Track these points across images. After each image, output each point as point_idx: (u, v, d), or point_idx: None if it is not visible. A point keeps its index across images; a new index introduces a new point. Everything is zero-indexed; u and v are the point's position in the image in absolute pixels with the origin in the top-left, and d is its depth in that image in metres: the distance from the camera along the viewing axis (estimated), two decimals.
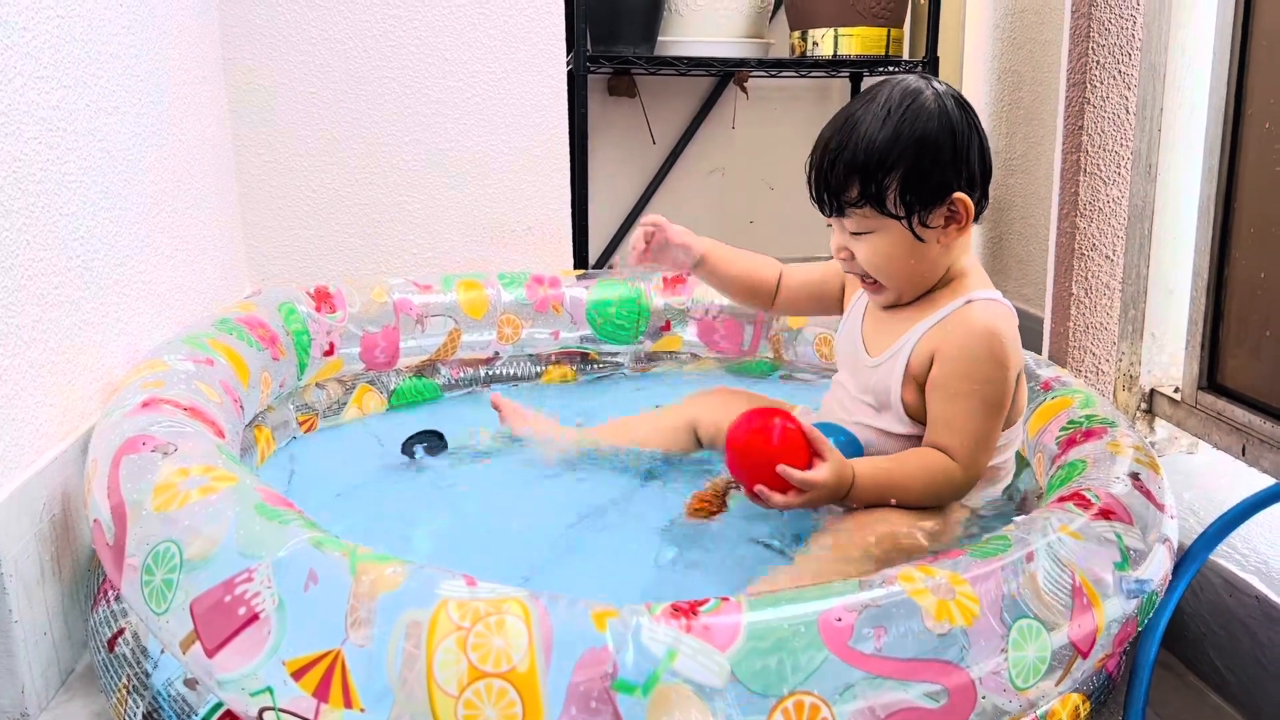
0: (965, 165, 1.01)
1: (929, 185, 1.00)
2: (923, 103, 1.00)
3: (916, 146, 0.99)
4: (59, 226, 1.02)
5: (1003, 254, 2.18)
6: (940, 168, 1.00)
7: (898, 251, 1.03)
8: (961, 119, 1.01)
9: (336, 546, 0.70)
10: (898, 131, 0.99)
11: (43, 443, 0.97)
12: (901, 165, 0.99)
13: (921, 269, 1.05)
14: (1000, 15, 2.15)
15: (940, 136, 1.00)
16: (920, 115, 1.00)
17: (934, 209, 1.01)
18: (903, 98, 1.01)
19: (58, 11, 1.04)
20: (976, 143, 1.02)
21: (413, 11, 1.73)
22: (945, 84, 1.05)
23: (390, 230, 1.80)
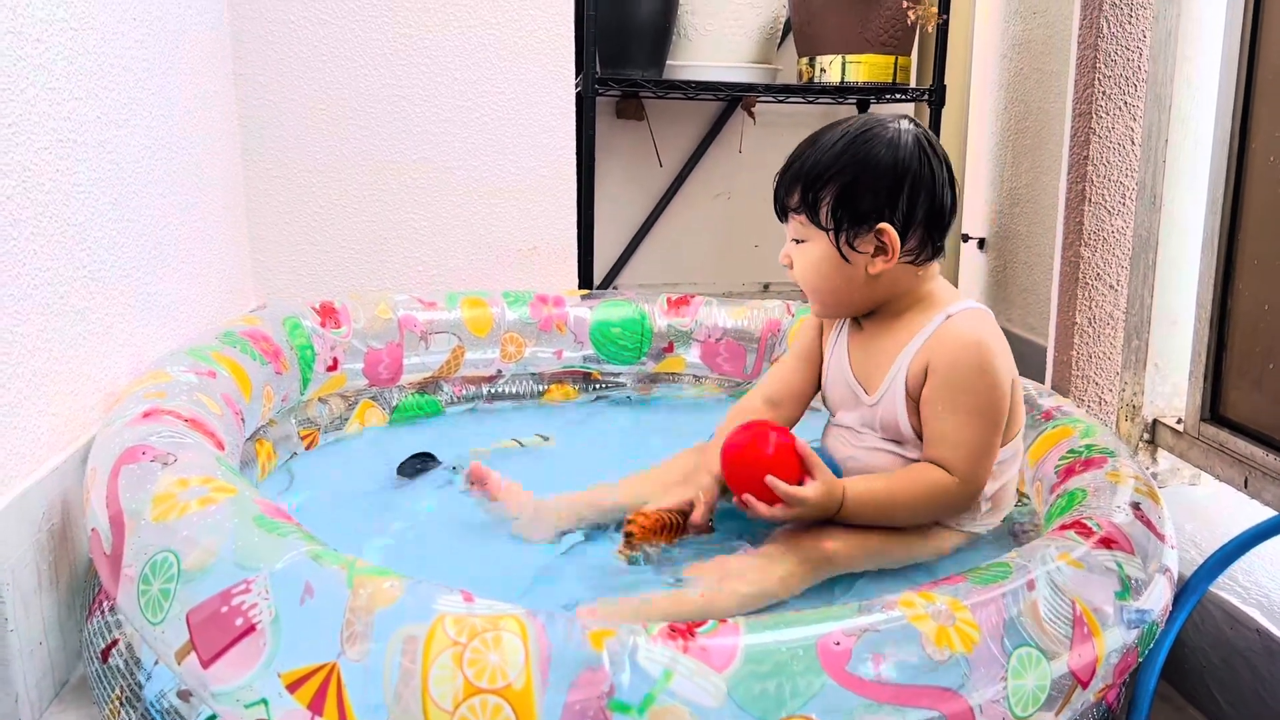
0: (903, 201, 1.04)
1: (859, 208, 1.04)
2: (879, 133, 1.05)
3: (855, 168, 1.04)
4: (66, 236, 1.03)
5: (1007, 283, 2.18)
6: (873, 194, 1.04)
7: (825, 267, 1.07)
8: (916, 159, 1.04)
9: (334, 559, 0.70)
10: (844, 151, 1.05)
11: (43, 452, 0.97)
12: (838, 182, 1.04)
13: (849, 291, 1.08)
14: (1008, 46, 2.16)
15: (882, 166, 1.03)
16: (871, 142, 1.04)
17: (861, 233, 1.05)
18: (864, 126, 1.06)
19: (71, 25, 1.05)
20: (927, 187, 1.04)
21: (424, 31, 1.74)
22: (922, 129, 1.07)
23: (396, 247, 1.80)
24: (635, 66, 2.05)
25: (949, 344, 1.04)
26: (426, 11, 1.74)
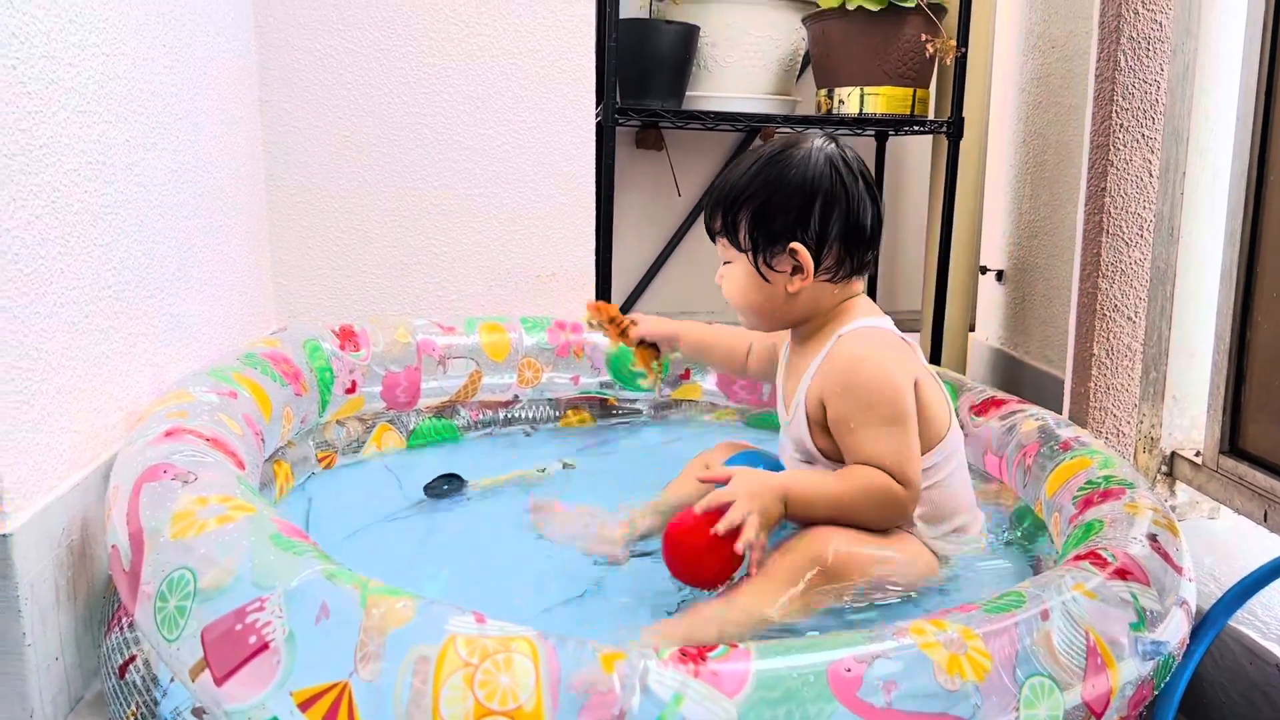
0: (814, 220, 1.06)
1: (772, 228, 1.07)
2: (791, 154, 1.08)
3: (767, 189, 1.07)
4: (93, 256, 1.05)
5: (1025, 315, 2.18)
6: (785, 215, 1.07)
7: (747, 285, 1.11)
8: (827, 178, 1.06)
9: (349, 579, 0.70)
10: (757, 174, 1.08)
11: (65, 468, 0.98)
12: (752, 204, 1.08)
13: (771, 309, 1.11)
14: (1026, 79, 2.17)
15: (791, 186, 1.06)
16: (782, 164, 1.07)
17: (777, 253, 1.08)
18: (779, 148, 1.09)
19: (103, 50, 1.07)
20: (842, 204, 1.07)
21: (447, 61, 1.77)
22: (838, 147, 1.09)
23: (416, 272, 1.82)
24: (655, 97, 2.07)
25: (838, 366, 1.06)
26: (450, 42, 1.76)
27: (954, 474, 1.10)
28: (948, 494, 1.10)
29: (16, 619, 0.88)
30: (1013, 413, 1.30)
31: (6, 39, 0.88)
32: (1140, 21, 1.31)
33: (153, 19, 1.21)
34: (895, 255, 2.70)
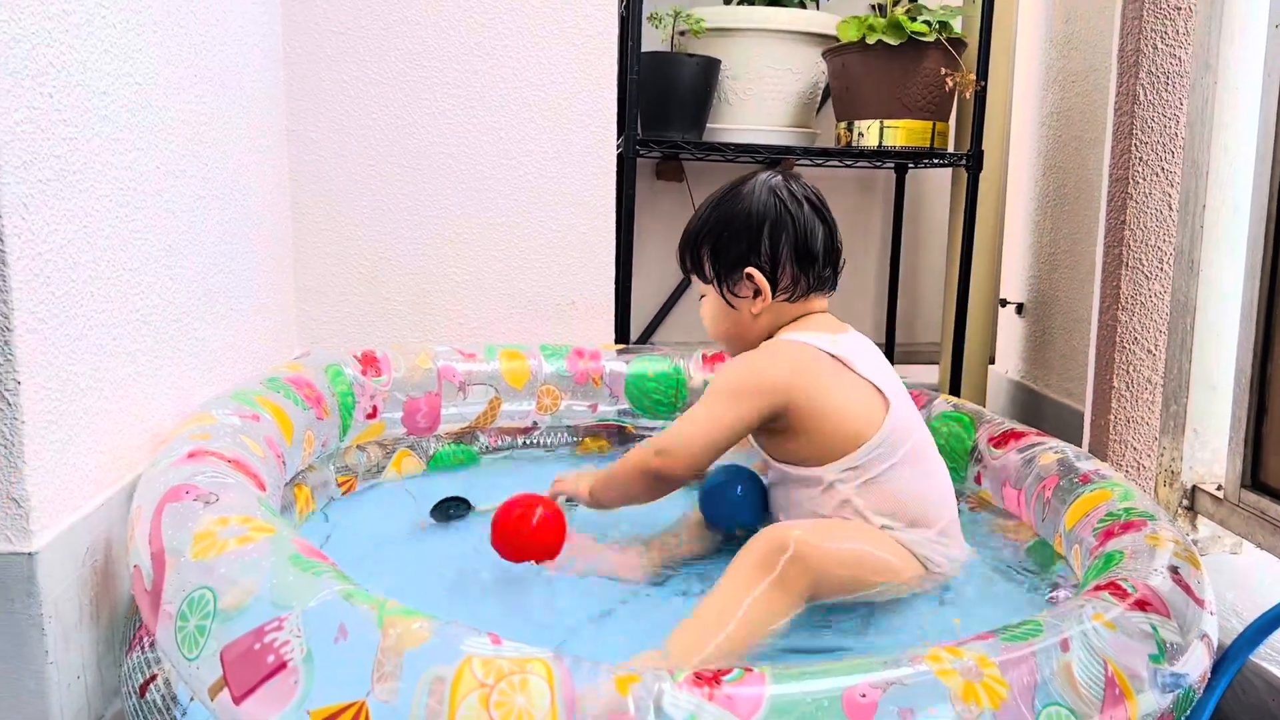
0: (764, 245, 1.17)
1: (729, 259, 1.19)
2: (739, 190, 1.20)
3: (719, 225, 1.19)
4: (122, 280, 1.06)
5: (1045, 348, 2.18)
6: (737, 245, 1.18)
7: (719, 313, 1.22)
8: (772, 207, 1.17)
9: (366, 599, 0.71)
10: (710, 213, 1.21)
11: (90, 489, 0.99)
12: (709, 241, 1.20)
13: (740, 331, 1.22)
14: (1046, 113, 2.18)
15: (740, 218, 1.18)
16: (731, 200, 1.19)
17: (736, 280, 1.19)
18: (729, 187, 1.22)
19: (136, 79, 1.10)
20: (788, 228, 1.17)
21: (471, 91, 1.79)
22: (781, 178, 1.20)
23: (438, 299, 1.84)
24: (676, 129, 2.09)
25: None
26: (474, 74, 1.79)
27: (893, 472, 1.12)
28: (889, 489, 1.12)
29: (40, 637, 0.89)
30: (1031, 445, 1.30)
31: (44, 68, 0.91)
32: (1159, 56, 1.32)
33: (185, 50, 1.24)
34: (915, 287, 2.70)
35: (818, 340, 1.15)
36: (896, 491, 1.12)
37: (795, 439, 1.14)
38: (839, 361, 1.14)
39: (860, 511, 1.12)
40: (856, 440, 1.11)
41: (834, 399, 1.12)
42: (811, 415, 1.12)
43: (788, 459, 1.16)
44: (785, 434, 1.14)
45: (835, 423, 1.12)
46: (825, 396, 1.12)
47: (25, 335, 0.88)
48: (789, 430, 1.14)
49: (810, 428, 1.12)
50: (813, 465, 1.13)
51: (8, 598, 0.88)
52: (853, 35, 2.01)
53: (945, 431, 1.41)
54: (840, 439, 1.11)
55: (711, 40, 2.13)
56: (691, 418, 1.15)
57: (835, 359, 1.14)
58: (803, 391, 1.12)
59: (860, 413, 1.12)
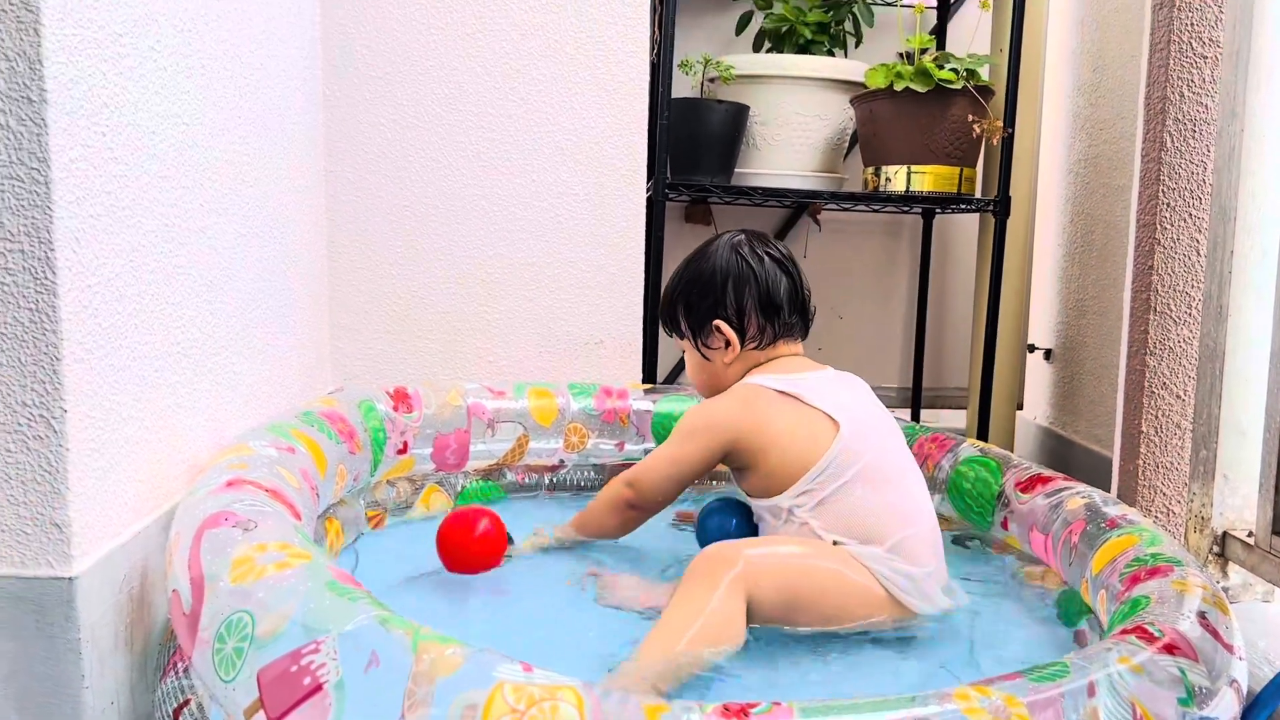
0: (729, 299, 1.27)
1: (698, 314, 1.29)
2: (703, 250, 1.31)
3: (687, 285, 1.31)
4: (165, 314, 1.09)
5: (1074, 394, 2.17)
6: (703, 300, 1.29)
7: (697, 365, 1.34)
8: (733, 262, 1.28)
9: (401, 625, 0.72)
10: (680, 275, 1.33)
11: (129, 516, 1.01)
12: (680, 300, 1.31)
13: (716, 380, 1.31)
14: (1074, 160, 2.19)
15: (704, 276, 1.28)
16: (696, 261, 1.31)
17: (707, 334, 1.29)
18: (696, 250, 1.33)
19: (184, 120, 1.14)
20: (751, 282, 1.27)
21: (505, 135, 1.83)
22: (743, 236, 1.30)
23: (469, 338, 1.86)
24: (705, 173, 2.11)
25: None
26: (509, 118, 1.83)
27: (843, 490, 1.17)
28: (840, 507, 1.17)
29: (77, 661, 0.90)
30: (1059, 490, 1.29)
31: (99, 108, 0.94)
32: (1186, 104, 1.33)
33: (231, 92, 1.28)
34: (942, 332, 2.70)
35: (771, 381, 1.24)
36: (847, 509, 1.17)
37: (754, 472, 1.22)
38: (789, 396, 1.21)
39: (816, 532, 1.17)
40: (804, 466, 1.18)
41: (780, 431, 1.19)
42: (760, 449, 1.20)
43: (754, 493, 1.24)
44: (746, 469, 1.23)
45: (782, 452, 1.19)
46: (771, 429, 1.20)
47: (73, 365, 0.90)
48: (747, 465, 1.22)
49: (761, 460, 1.20)
50: (773, 495, 1.20)
51: (47, 622, 0.90)
52: (881, 82, 2.04)
53: (972, 476, 1.41)
54: (790, 467, 1.18)
55: (741, 87, 2.17)
56: (656, 454, 1.29)
57: (785, 395, 1.22)
58: (749, 427, 1.20)
59: (806, 440, 1.19)
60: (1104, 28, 2.07)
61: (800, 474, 1.18)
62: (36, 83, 0.85)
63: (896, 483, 1.21)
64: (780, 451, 1.19)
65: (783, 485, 1.19)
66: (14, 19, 0.84)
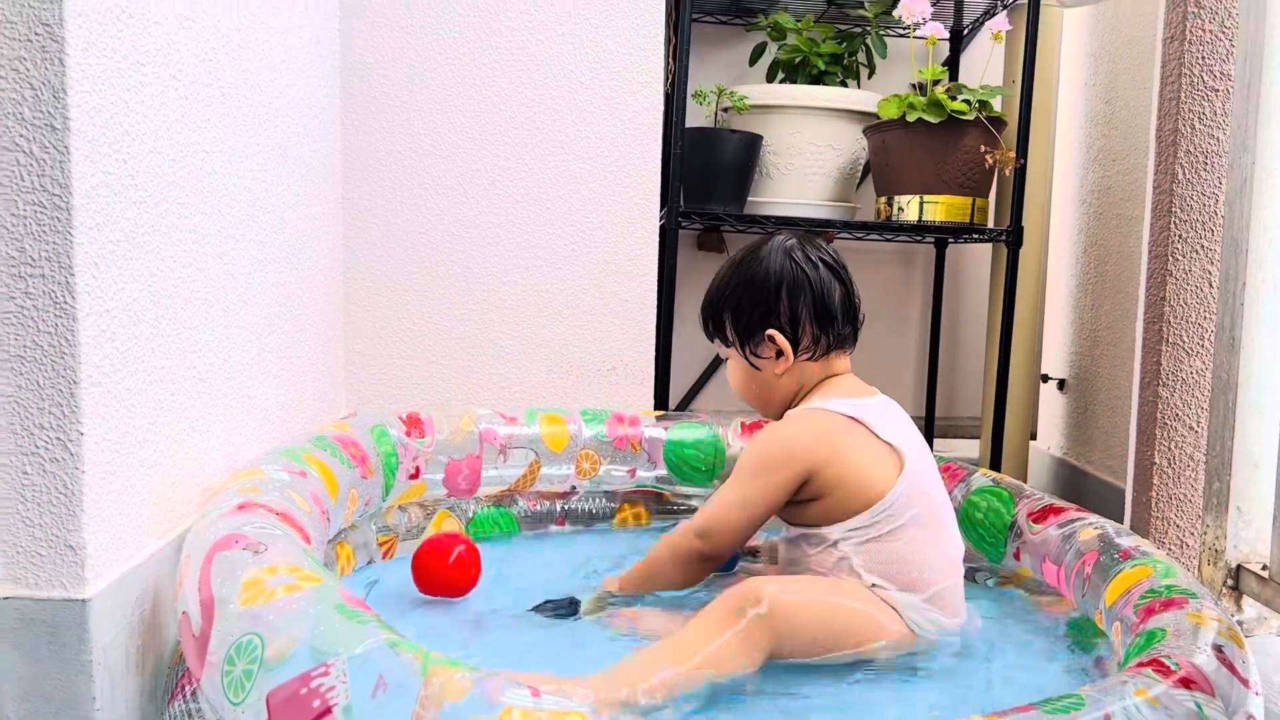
0: (783, 306, 1.21)
1: (749, 321, 1.23)
2: (754, 254, 1.24)
3: (737, 290, 1.24)
4: (181, 338, 1.10)
5: (1088, 425, 2.16)
6: (756, 307, 1.22)
7: (742, 375, 1.27)
8: (788, 269, 1.21)
9: (410, 649, 0.72)
10: (728, 278, 1.25)
11: (143, 539, 1.02)
12: (729, 305, 1.25)
13: (765, 393, 1.26)
14: (1087, 191, 2.19)
15: (757, 282, 1.22)
16: (747, 264, 1.24)
17: (758, 342, 1.23)
18: (744, 252, 1.26)
19: (203, 148, 1.15)
20: (806, 289, 1.21)
21: (520, 163, 1.85)
22: (795, 240, 1.24)
23: (482, 363, 1.87)
24: (718, 202, 2.13)
25: (758, 431, 1.23)
26: (524, 146, 1.85)
27: (898, 533, 1.14)
28: (889, 550, 1.14)
29: (89, 683, 0.91)
30: (1071, 521, 1.29)
31: (120, 136, 0.96)
32: (1197, 136, 1.33)
33: (250, 121, 1.30)
34: (955, 362, 2.70)
35: (840, 405, 1.18)
36: (896, 553, 1.14)
37: (813, 503, 1.16)
38: (859, 424, 1.17)
39: (855, 569, 1.14)
40: (867, 502, 1.14)
41: (852, 464, 1.15)
42: (831, 481, 1.15)
43: (800, 521, 1.19)
44: (804, 499, 1.17)
45: (851, 487, 1.15)
46: (844, 462, 1.15)
47: (90, 388, 0.91)
48: (810, 498, 1.16)
49: (828, 492, 1.15)
50: (820, 525, 1.16)
51: (60, 643, 0.90)
52: (893, 113, 2.05)
53: (984, 506, 1.41)
54: (851, 502, 1.14)
55: (754, 116, 2.18)
56: (726, 499, 1.19)
57: (855, 422, 1.17)
58: (825, 458, 1.15)
59: (875, 475, 1.15)
60: (1116, 60, 2.08)
61: (859, 509, 1.14)
62: (60, 111, 0.87)
63: (944, 528, 1.19)
64: (849, 486, 1.15)
65: (836, 518, 1.15)
66: (39, 48, 0.86)
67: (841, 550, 1.15)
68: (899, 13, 2.05)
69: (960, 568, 1.19)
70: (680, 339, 2.27)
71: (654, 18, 1.85)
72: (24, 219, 0.88)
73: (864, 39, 2.32)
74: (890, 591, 1.13)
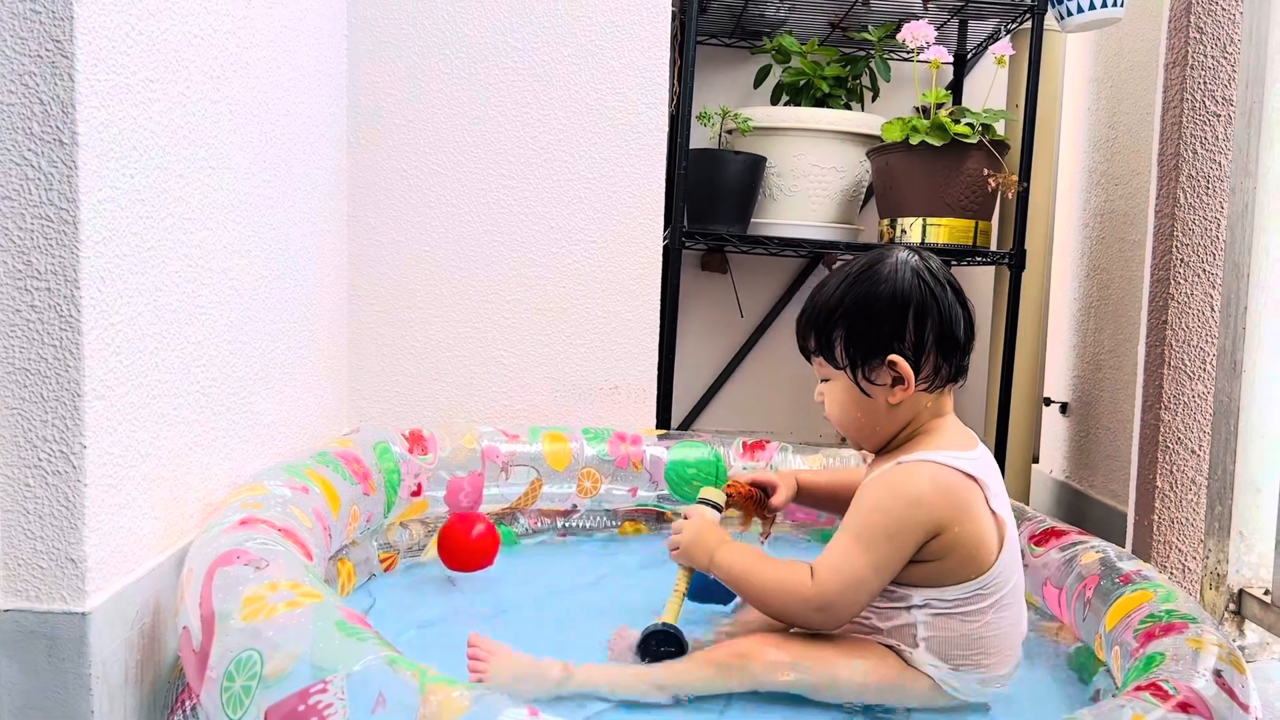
0: (909, 330, 1.08)
1: (868, 343, 1.09)
2: (878, 270, 1.10)
3: (858, 308, 1.09)
4: (185, 353, 1.11)
5: (1090, 448, 2.16)
6: (879, 328, 1.09)
7: (848, 400, 1.12)
8: (916, 288, 1.09)
9: (408, 666, 0.72)
10: (847, 291, 1.11)
11: (144, 553, 1.02)
12: (845, 323, 1.10)
13: (871, 422, 1.12)
14: (1089, 215, 2.20)
15: (882, 302, 1.09)
16: (870, 280, 1.10)
17: (875, 367, 1.10)
18: (864, 265, 1.12)
19: (210, 164, 1.16)
20: (934, 313, 1.09)
21: (525, 183, 1.86)
22: (919, 257, 1.12)
23: (485, 382, 1.87)
24: (721, 222, 2.13)
25: (875, 481, 1.09)
26: (528, 166, 1.86)
27: (978, 615, 1.07)
28: (963, 630, 1.07)
29: (87, 696, 0.91)
30: (1073, 544, 1.29)
31: (128, 151, 0.97)
32: (1199, 161, 1.34)
33: (256, 138, 1.31)
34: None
35: (955, 460, 1.07)
36: (969, 636, 1.07)
37: (914, 566, 1.06)
38: (976, 486, 1.08)
39: (917, 639, 1.07)
40: (968, 574, 1.06)
41: (969, 532, 1.05)
42: (945, 546, 1.05)
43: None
44: (911, 559, 1.07)
45: (959, 555, 1.06)
46: (962, 528, 1.05)
47: (94, 401, 0.92)
48: (917, 558, 1.06)
49: (937, 557, 1.06)
50: (908, 584, 1.07)
51: (59, 656, 0.91)
52: (897, 136, 2.06)
53: None
54: (957, 571, 1.06)
55: (758, 138, 2.19)
56: (853, 569, 1.05)
57: (974, 482, 1.08)
58: (950, 521, 1.05)
59: (983, 548, 1.06)
60: (1118, 85, 2.09)
61: (959, 581, 1.06)
62: (69, 126, 0.88)
63: (1021, 608, 1.11)
64: (957, 555, 1.06)
65: (931, 583, 1.07)
66: (49, 64, 0.87)
67: (914, 617, 1.07)
68: (903, 37, 2.06)
69: (1021, 651, 1.12)
70: (683, 359, 2.28)
71: (659, 40, 1.86)
72: (30, 232, 0.88)
73: (868, 62, 2.33)
74: (940, 672, 1.08)
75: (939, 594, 1.06)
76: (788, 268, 2.58)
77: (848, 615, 1.07)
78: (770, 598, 1.09)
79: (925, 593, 1.07)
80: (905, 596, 1.07)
